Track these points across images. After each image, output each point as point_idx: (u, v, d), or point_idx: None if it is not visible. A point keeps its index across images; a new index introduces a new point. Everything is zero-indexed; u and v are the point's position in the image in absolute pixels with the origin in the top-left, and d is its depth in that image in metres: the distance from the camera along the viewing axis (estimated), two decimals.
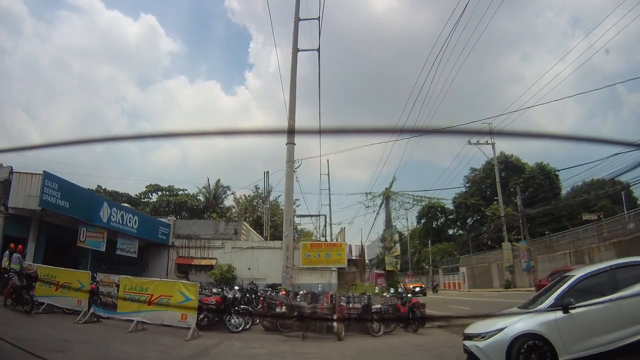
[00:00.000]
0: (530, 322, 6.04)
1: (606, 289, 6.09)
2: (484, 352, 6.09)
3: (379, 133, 1.85)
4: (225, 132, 1.59)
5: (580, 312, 5.92)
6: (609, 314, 5.87)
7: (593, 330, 5.82)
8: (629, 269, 6.46)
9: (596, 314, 5.94)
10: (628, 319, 5.77)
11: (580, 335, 5.82)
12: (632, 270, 6.45)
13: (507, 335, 5.97)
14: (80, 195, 16.18)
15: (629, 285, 6.01)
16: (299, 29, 17.13)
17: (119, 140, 2.82)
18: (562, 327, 5.81)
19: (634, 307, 5.84)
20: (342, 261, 23.42)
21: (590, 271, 6.77)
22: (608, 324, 5.83)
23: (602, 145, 7.62)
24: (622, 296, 5.86)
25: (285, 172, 16.38)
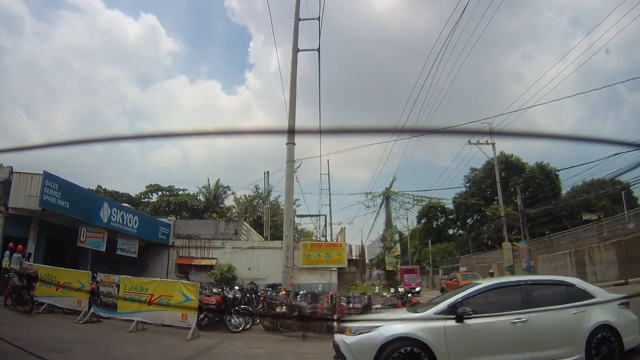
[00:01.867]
0: (413, 326, 5.39)
1: (513, 305, 5.62)
2: (350, 350, 5.36)
3: (379, 133, 1.85)
4: (225, 132, 1.59)
5: (477, 325, 5.34)
6: (509, 333, 5.37)
7: (487, 347, 5.28)
8: (543, 288, 6.02)
9: (495, 330, 5.43)
10: (530, 342, 5.28)
11: (470, 349, 5.25)
12: (546, 289, 6.00)
13: (381, 335, 5.24)
14: (80, 195, 16.18)
15: (540, 305, 5.53)
16: (299, 29, 17.12)
17: (119, 140, 2.82)
18: (451, 337, 5.19)
19: (540, 329, 5.35)
20: (342, 261, 23.42)
21: (498, 282, 6.33)
22: (506, 344, 5.33)
23: (602, 145, 7.63)
24: (527, 315, 5.36)
25: (286, 172, 16.38)
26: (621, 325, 5.58)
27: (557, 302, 5.67)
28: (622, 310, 5.82)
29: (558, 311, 5.56)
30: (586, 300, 5.79)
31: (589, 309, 5.64)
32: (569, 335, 5.45)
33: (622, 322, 5.64)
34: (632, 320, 5.78)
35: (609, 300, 5.81)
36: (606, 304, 5.76)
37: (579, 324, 5.50)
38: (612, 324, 5.55)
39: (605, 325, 5.52)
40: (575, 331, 5.45)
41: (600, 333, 5.46)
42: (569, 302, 5.73)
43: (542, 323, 5.41)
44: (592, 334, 5.42)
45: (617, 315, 5.70)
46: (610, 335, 5.48)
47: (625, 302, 5.88)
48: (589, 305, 5.71)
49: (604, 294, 6.03)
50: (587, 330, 5.43)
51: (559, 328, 5.50)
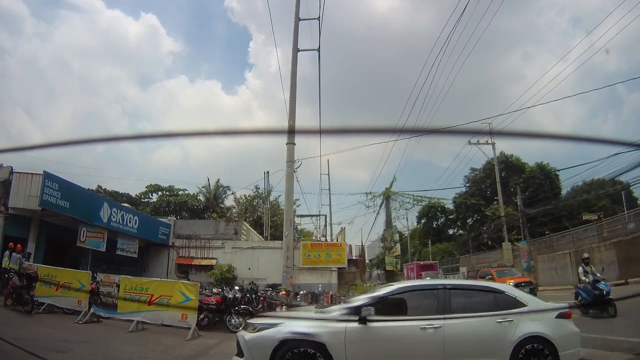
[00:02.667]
0: (313, 325, 5.12)
1: (427, 310, 5.28)
2: (248, 346, 5.13)
3: (379, 133, 1.85)
4: (225, 132, 1.60)
5: (381, 328, 5.07)
6: (418, 339, 5.04)
7: (391, 352, 5.00)
8: (466, 293, 5.71)
9: (401, 335, 5.10)
10: (442, 350, 4.97)
11: (371, 353, 5.00)
12: (469, 295, 5.67)
13: (279, 332, 5.02)
14: (80, 195, 16.18)
15: (460, 311, 5.22)
16: (300, 28, 17.12)
17: (120, 140, 2.82)
18: (351, 339, 4.93)
19: (454, 337, 5.02)
20: (342, 261, 23.44)
21: (413, 285, 6.04)
22: (413, 350, 5.04)
23: (602, 145, 7.64)
24: (442, 321, 5.01)
25: (286, 172, 16.38)
26: (557, 338, 5.14)
27: (480, 310, 5.30)
28: (560, 321, 5.36)
29: (479, 319, 5.19)
30: (514, 309, 5.35)
31: (517, 318, 5.21)
32: (490, 346, 5.09)
33: (558, 334, 5.18)
34: (572, 333, 5.34)
35: (539, 310, 5.42)
36: (541, 313, 5.40)
37: (503, 334, 5.11)
38: (546, 336, 5.14)
39: (537, 336, 5.12)
40: (498, 341, 5.08)
41: (529, 344, 5.05)
42: (496, 310, 5.28)
43: (458, 331, 5.08)
44: (519, 345, 5.02)
45: (553, 326, 5.26)
46: (543, 347, 5.07)
47: (564, 312, 5.46)
48: (516, 314, 5.27)
49: (537, 303, 5.65)
50: (513, 341, 5.03)
51: (479, 337, 5.14)
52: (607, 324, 8.87)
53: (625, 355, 6.38)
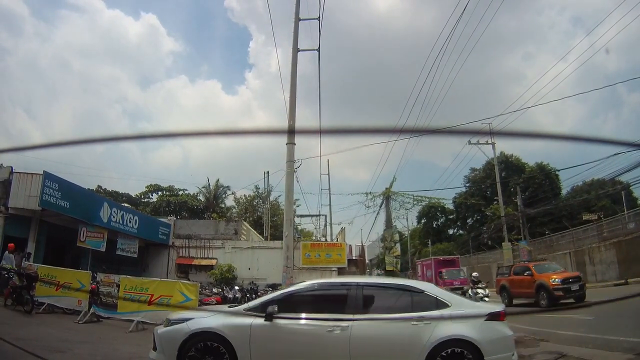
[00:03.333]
0: (219, 320, 5.11)
1: (337, 309, 5.09)
2: (160, 339, 5.19)
3: (379, 133, 1.85)
4: (225, 132, 1.60)
5: (287, 326, 4.99)
6: (323, 338, 4.87)
7: (295, 351, 4.92)
8: (382, 292, 5.46)
9: (307, 333, 4.98)
10: (347, 350, 4.79)
11: (276, 351, 4.94)
12: (385, 294, 5.43)
13: (187, 327, 5.07)
14: (80, 195, 16.18)
15: (372, 311, 5.07)
16: (300, 28, 17.07)
17: (120, 140, 2.82)
18: (256, 335, 4.91)
19: (362, 338, 4.85)
20: (342, 261, 23.43)
21: (324, 282, 5.94)
22: (318, 350, 4.91)
23: (603, 145, 7.64)
24: (350, 321, 4.82)
25: (286, 172, 16.35)
26: (483, 341, 4.80)
27: (396, 310, 5.08)
28: (489, 323, 5.04)
29: (392, 320, 4.97)
30: (435, 310, 5.03)
31: (437, 320, 4.92)
32: (402, 349, 4.86)
33: (485, 338, 4.84)
34: (502, 337, 5.00)
35: (462, 313, 5.07)
36: (467, 314, 5.09)
37: (419, 336, 4.83)
38: (469, 339, 4.81)
39: (459, 339, 4.81)
40: (412, 345, 4.82)
41: (450, 348, 4.77)
42: (414, 310, 5.01)
43: (367, 332, 4.89)
44: (436, 349, 4.75)
45: (479, 328, 4.96)
46: (465, 351, 4.75)
47: (495, 314, 5.10)
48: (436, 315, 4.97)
49: (462, 304, 5.34)
50: (430, 343, 4.75)
51: (389, 339, 4.89)
52: (607, 324, 8.87)
53: (625, 355, 6.38)
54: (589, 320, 9.85)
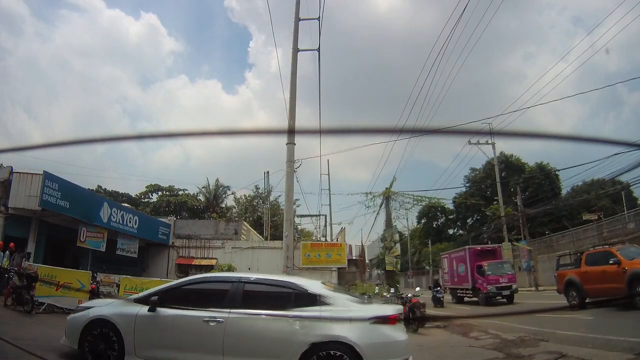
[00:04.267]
0: (113, 309, 5.42)
1: (217, 302, 5.05)
2: (67, 325, 5.55)
3: (379, 133, 1.86)
4: (225, 132, 1.60)
5: (168, 317, 5.09)
6: (200, 331, 4.89)
7: (175, 342, 4.99)
8: (263, 288, 5.44)
9: (185, 325, 5.02)
10: (221, 345, 4.79)
11: (157, 340, 5.04)
12: (267, 290, 5.38)
13: (88, 315, 5.40)
14: (80, 195, 16.18)
15: (251, 306, 5.01)
16: (301, 28, 17.06)
17: (120, 140, 2.83)
18: (140, 325, 5.06)
19: (236, 333, 4.81)
20: (342, 261, 23.43)
21: (207, 276, 5.98)
22: (195, 342, 4.92)
23: (602, 145, 7.63)
24: (226, 315, 4.85)
25: (286, 172, 16.35)
26: (365, 345, 4.58)
27: (274, 307, 5.00)
28: (375, 327, 4.85)
29: (267, 316, 4.91)
30: (316, 310, 4.87)
31: (316, 319, 4.77)
32: (275, 347, 4.75)
33: (366, 341, 4.63)
34: (389, 342, 4.79)
35: (344, 315, 4.88)
36: (349, 315, 4.88)
37: (295, 334, 4.73)
38: (348, 341, 4.58)
39: (337, 341, 4.62)
40: (286, 343, 4.70)
41: (327, 350, 4.59)
42: (293, 308, 4.93)
43: (242, 328, 4.85)
44: (311, 349, 4.59)
45: (362, 331, 4.74)
46: (345, 355, 4.57)
47: (384, 317, 4.92)
48: (315, 314, 4.81)
49: (347, 305, 5.12)
50: (305, 343, 4.61)
51: (263, 336, 4.83)
52: (607, 324, 8.87)
53: (625, 355, 6.38)
54: (589, 320, 9.85)
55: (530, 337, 8.50)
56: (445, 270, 24.96)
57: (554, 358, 6.60)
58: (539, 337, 8.36)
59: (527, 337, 8.52)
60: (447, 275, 24.45)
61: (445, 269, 25.16)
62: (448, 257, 25.06)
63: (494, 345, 8.30)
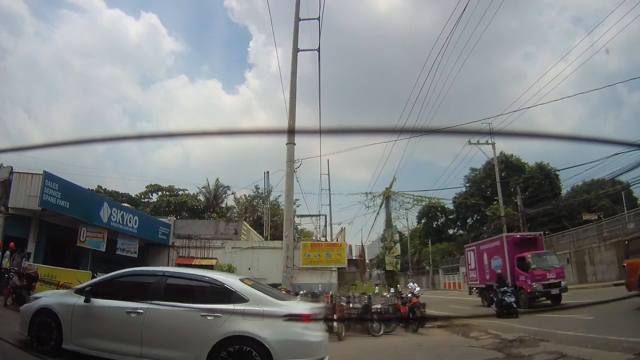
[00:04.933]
0: (56, 299, 5.82)
1: (140, 295, 5.29)
2: (20, 315, 6.07)
3: (379, 133, 1.85)
4: (225, 132, 1.60)
5: (99, 308, 5.38)
6: (124, 322, 5.13)
7: (104, 332, 5.26)
8: (183, 282, 5.59)
9: (112, 316, 5.30)
10: (140, 335, 5.00)
11: (90, 330, 5.32)
12: (187, 284, 5.56)
13: (36, 304, 5.83)
14: (80, 195, 16.18)
15: (170, 299, 5.17)
16: (301, 28, 17.08)
17: (120, 140, 2.83)
18: (77, 314, 5.37)
19: (153, 325, 5.04)
20: (342, 261, 23.43)
21: (133, 270, 6.33)
22: (120, 332, 5.17)
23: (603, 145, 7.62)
24: (146, 307, 5.07)
25: (286, 172, 16.36)
26: (274, 342, 4.68)
27: (191, 300, 5.20)
28: (287, 324, 4.91)
29: (181, 309, 5.06)
30: (230, 305, 5.01)
31: (229, 314, 4.88)
32: (188, 340, 4.88)
33: (276, 339, 4.72)
34: (300, 341, 4.86)
35: (256, 312, 4.91)
36: (263, 312, 4.92)
37: (207, 328, 4.84)
38: (258, 338, 4.69)
39: (247, 337, 4.73)
40: (199, 336, 4.84)
41: (237, 345, 4.71)
42: (208, 302, 5.09)
43: (159, 319, 5.02)
44: (221, 344, 4.72)
45: (272, 329, 4.81)
46: (254, 352, 4.66)
47: (297, 316, 5.01)
48: (228, 310, 4.94)
49: (263, 301, 5.14)
50: (215, 337, 4.73)
51: (177, 329, 4.99)
52: (607, 324, 8.87)
53: (625, 355, 6.38)
54: (589, 320, 9.85)
55: (530, 337, 8.51)
56: (472, 266, 21.29)
57: (554, 358, 6.60)
58: (539, 337, 8.36)
59: (527, 337, 8.52)
60: (473, 273, 20.98)
61: (471, 265, 21.53)
62: (476, 249, 21.01)
63: (494, 345, 8.30)
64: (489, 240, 20.78)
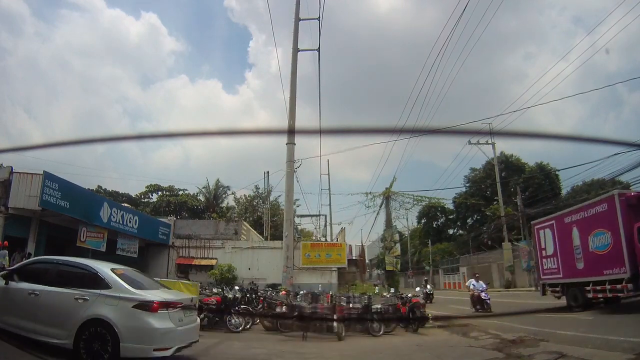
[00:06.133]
0: None
1: (41, 279, 6.04)
2: None
3: (379, 133, 1.86)
4: (225, 132, 1.60)
5: (13, 290, 6.06)
6: (26, 302, 5.88)
7: (16, 310, 5.94)
8: (70, 268, 6.36)
9: (19, 297, 5.97)
10: (35, 314, 5.75)
11: (8, 309, 5.98)
12: (72, 270, 6.28)
13: None
14: (80, 195, 16.17)
15: (58, 284, 5.89)
16: (301, 28, 17.12)
17: (120, 140, 2.83)
18: (0, 295, 6.12)
19: (43, 305, 5.77)
20: (342, 261, 23.43)
21: (38, 258, 7.24)
22: (25, 311, 5.88)
23: (603, 145, 7.63)
24: (41, 289, 5.88)
25: (286, 172, 16.37)
26: (122, 327, 5.27)
27: (72, 285, 5.85)
28: (135, 311, 5.45)
29: (62, 292, 5.75)
30: (95, 290, 5.68)
31: (93, 299, 5.55)
32: (64, 320, 5.55)
33: (125, 324, 5.30)
34: (145, 328, 5.37)
35: (113, 297, 5.55)
36: (118, 299, 5.52)
37: (76, 310, 5.52)
38: (109, 321, 5.32)
39: (102, 320, 5.35)
40: (71, 316, 5.52)
41: (96, 327, 5.35)
42: (82, 287, 5.76)
43: (48, 300, 5.76)
44: (85, 325, 5.37)
45: (122, 314, 5.39)
46: (107, 335, 5.27)
47: (145, 304, 5.50)
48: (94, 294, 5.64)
49: (123, 289, 5.71)
50: (81, 318, 5.42)
51: (57, 309, 5.67)
52: (607, 324, 8.87)
53: (625, 355, 6.38)
54: (589, 320, 9.85)
55: (530, 337, 8.50)
56: (548, 251, 14.52)
57: (554, 358, 6.60)
58: (539, 337, 8.36)
59: (527, 337, 8.52)
60: (551, 261, 14.13)
61: (546, 250, 14.68)
62: (556, 224, 14.29)
63: (494, 345, 8.30)
64: (583, 206, 13.03)
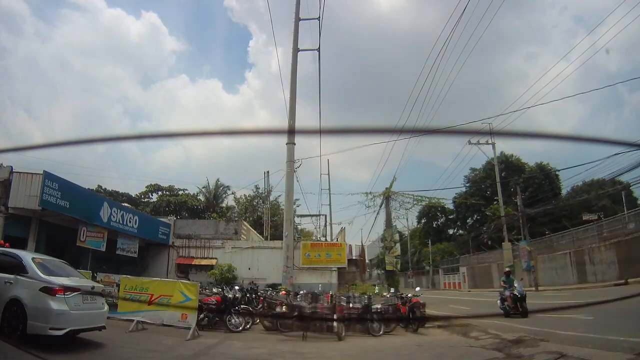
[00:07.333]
0: None
1: None
2: None
3: (379, 133, 1.86)
4: (226, 132, 1.60)
5: None
6: None
7: None
8: (5, 256, 7.09)
9: None
10: None
11: None
12: (5, 258, 7.02)
13: None
14: (80, 195, 16.19)
15: (3, 270, 6.69)
16: (301, 28, 17.11)
17: (120, 140, 2.83)
18: None
19: None
20: (342, 261, 23.44)
21: None
22: None
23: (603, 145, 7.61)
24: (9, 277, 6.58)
25: (286, 172, 16.37)
26: (30, 307, 6.22)
27: (5, 271, 6.72)
28: (40, 294, 6.33)
29: None
30: (19, 275, 6.58)
31: (16, 282, 6.52)
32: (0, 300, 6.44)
33: (32, 304, 6.24)
34: (46, 308, 6.24)
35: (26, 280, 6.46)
36: (30, 282, 6.44)
37: (4, 292, 6.48)
38: (21, 301, 6.27)
39: (19, 302, 6.29)
40: (2, 296, 6.43)
41: (15, 307, 6.29)
42: (10, 272, 6.64)
43: None
44: (8, 304, 6.34)
45: (31, 296, 6.32)
46: (21, 313, 6.20)
47: (49, 288, 6.33)
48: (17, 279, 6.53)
49: (36, 275, 6.59)
50: (5, 299, 6.36)
51: None
52: (607, 324, 8.87)
53: (625, 355, 6.37)
54: (589, 320, 9.85)
55: (530, 337, 8.49)
56: None
57: (554, 358, 6.59)
58: (539, 337, 8.35)
59: (527, 337, 8.51)
60: None
61: None
62: None
63: (494, 345, 8.30)
64: None
